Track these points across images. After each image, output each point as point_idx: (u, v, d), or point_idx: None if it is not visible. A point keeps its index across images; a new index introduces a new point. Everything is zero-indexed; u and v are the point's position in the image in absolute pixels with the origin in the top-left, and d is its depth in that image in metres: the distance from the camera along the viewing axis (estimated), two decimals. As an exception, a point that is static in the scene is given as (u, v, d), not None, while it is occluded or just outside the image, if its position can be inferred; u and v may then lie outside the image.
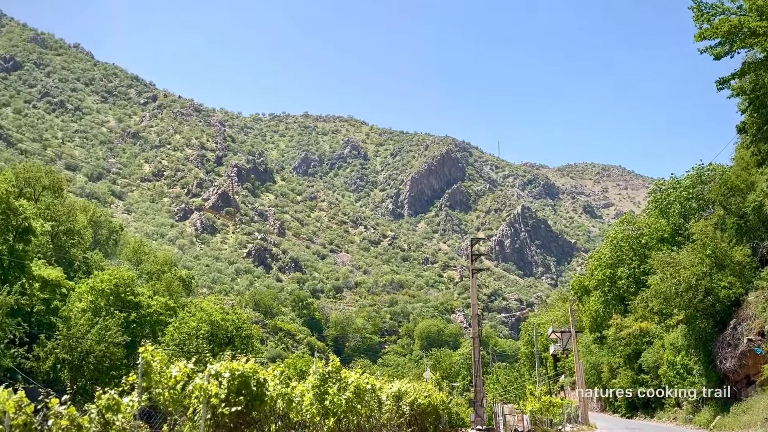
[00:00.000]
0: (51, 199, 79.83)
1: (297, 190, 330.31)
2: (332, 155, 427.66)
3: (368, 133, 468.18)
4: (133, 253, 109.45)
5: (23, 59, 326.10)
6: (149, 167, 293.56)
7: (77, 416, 10.00)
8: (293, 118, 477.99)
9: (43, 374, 48.97)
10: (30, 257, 59.07)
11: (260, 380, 14.82)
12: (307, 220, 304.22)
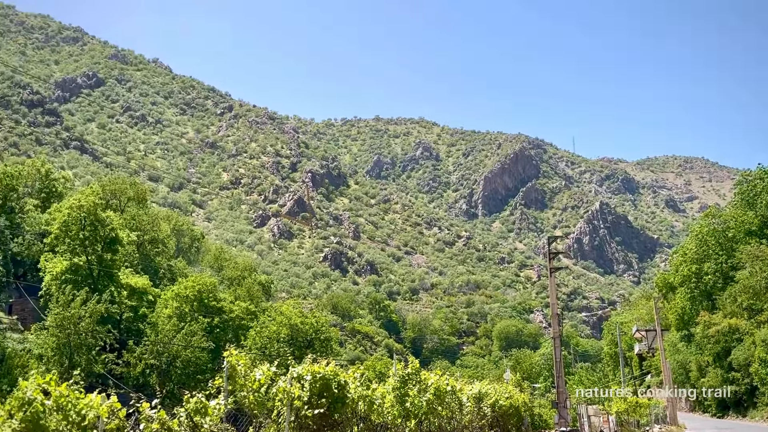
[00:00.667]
0: (136, 209, 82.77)
1: (370, 194, 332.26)
2: (404, 157, 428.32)
3: (440, 133, 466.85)
4: (214, 259, 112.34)
5: (105, 76, 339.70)
6: (227, 176, 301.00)
7: (167, 420, 10.29)
8: (365, 122, 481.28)
9: (133, 379, 50.77)
10: (118, 266, 61.40)
11: (341, 382, 14.92)
12: (381, 223, 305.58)
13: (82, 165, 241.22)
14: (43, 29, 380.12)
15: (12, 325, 61.84)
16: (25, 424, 8.01)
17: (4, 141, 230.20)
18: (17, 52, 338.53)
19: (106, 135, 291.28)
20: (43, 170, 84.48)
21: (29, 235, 69.79)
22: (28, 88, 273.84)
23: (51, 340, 47.82)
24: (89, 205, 58.98)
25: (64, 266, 57.88)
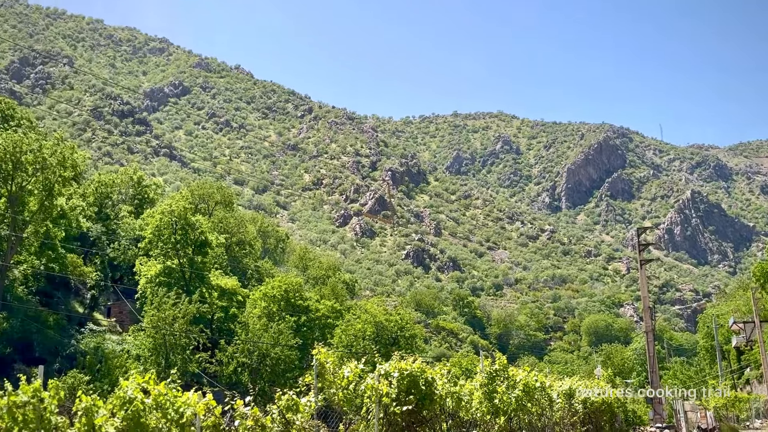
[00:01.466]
0: (223, 212, 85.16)
1: (451, 190, 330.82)
2: (484, 152, 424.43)
3: (519, 126, 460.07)
4: (299, 259, 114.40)
5: (191, 84, 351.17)
6: (309, 177, 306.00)
7: (261, 417, 10.53)
8: (443, 118, 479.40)
9: (226, 378, 52.26)
10: (208, 268, 63.33)
11: (428, 379, 14.89)
12: (462, 219, 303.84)
13: (171, 171, 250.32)
14: (131, 41, 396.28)
15: (111, 327, 64.76)
16: (126, 422, 8.34)
17: (98, 151, 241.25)
18: (107, 64, 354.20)
19: (192, 141, 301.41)
20: (135, 178, 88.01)
21: (124, 241, 72.88)
22: (118, 99, 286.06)
23: (148, 341, 49.76)
24: (179, 209, 61.05)
25: (157, 269, 60.14)
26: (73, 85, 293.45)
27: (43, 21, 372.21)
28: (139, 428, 8.41)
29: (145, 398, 8.66)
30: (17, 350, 47.99)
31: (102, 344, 51.63)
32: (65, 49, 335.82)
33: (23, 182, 53.95)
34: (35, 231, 56.10)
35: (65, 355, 50.19)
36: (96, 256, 72.12)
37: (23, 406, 7.54)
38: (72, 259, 62.38)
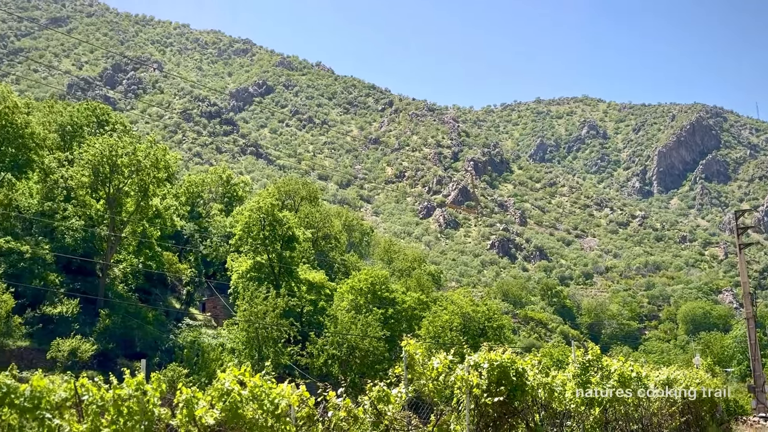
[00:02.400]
0: (309, 208, 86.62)
1: (535, 178, 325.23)
2: (569, 138, 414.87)
3: (606, 110, 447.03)
4: (384, 252, 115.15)
5: (274, 83, 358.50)
6: (391, 170, 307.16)
7: (353, 408, 10.67)
8: (525, 105, 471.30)
9: (317, 369, 53.23)
10: (296, 263, 64.62)
11: (519, 370, 14.71)
12: (548, 207, 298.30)
13: (258, 169, 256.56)
14: (216, 44, 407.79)
15: (206, 321, 67.04)
16: (225, 414, 8.61)
17: (188, 151, 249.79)
18: (194, 67, 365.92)
19: (277, 139, 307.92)
20: (224, 177, 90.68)
21: (216, 238, 75.23)
22: (206, 100, 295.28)
23: (241, 335, 51.24)
24: (267, 206, 62.54)
25: (248, 265, 61.83)
26: (163, 89, 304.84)
27: (133, 28, 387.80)
28: (236, 419, 8.66)
29: (242, 390, 8.91)
30: (119, 345, 50.28)
31: (198, 338, 53.49)
32: (154, 55, 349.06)
33: (120, 184, 56.45)
34: (133, 231, 58.65)
35: (164, 350, 52.25)
36: (190, 253, 74.78)
37: (128, 398, 7.89)
38: (168, 256, 64.86)
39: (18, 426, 7.25)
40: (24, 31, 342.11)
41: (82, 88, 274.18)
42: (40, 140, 60.49)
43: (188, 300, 69.26)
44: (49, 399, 7.21)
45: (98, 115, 79.02)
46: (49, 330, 48.35)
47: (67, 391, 7.46)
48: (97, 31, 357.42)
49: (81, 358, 45.50)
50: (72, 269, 58.51)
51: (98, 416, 7.69)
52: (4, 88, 62.10)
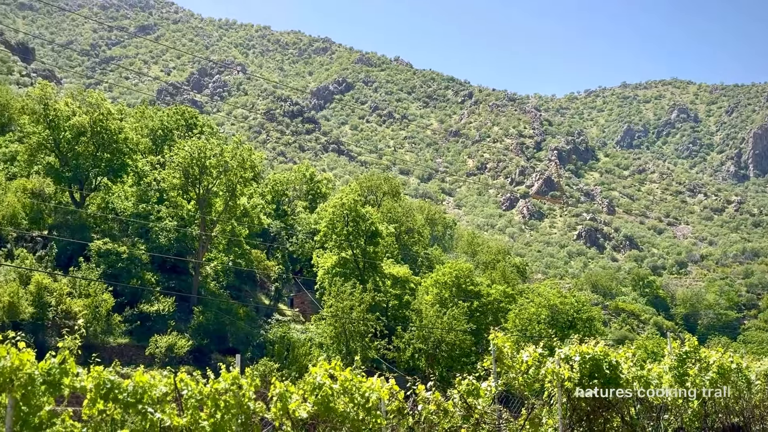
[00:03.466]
0: (391, 203, 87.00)
1: (622, 165, 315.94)
2: (657, 123, 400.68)
3: (696, 92, 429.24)
4: (467, 245, 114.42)
5: (353, 79, 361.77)
6: (473, 162, 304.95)
7: (442, 401, 10.65)
8: (610, 90, 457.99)
9: (404, 363, 53.48)
10: (380, 258, 65.05)
11: (612, 363, 14.34)
12: (637, 195, 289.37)
13: (340, 166, 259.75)
14: (296, 44, 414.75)
15: (295, 317, 68.40)
16: (317, 407, 8.75)
17: (272, 151, 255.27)
18: (276, 68, 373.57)
19: (358, 135, 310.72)
20: (307, 174, 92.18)
21: (301, 235, 76.58)
22: (288, 100, 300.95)
23: (329, 330, 52.02)
24: (350, 202, 63.21)
25: (333, 261, 62.66)
26: (246, 90, 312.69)
27: (217, 32, 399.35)
28: (328, 412, 8.79)
29: (333, 384, 9.03)
30: (213, 341, 51.92)
31: (288, 333, 54.61)
32: (238, 57, 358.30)
33: (209, 185, 58.26)
34: (222, 230, 60.43)
35: (255, 345, 53.60)
36: (277, 250, 76.43)
37: (225, 393, 8.13)
38: (256, 254, 66.49)
39: (120, 420, 7.57)
40: (114, 40, 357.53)
41: (171, 93, 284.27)
42: (133, 145, 63.08)
43: (277, 296, 70.80)
44: (150, 394, 7.51)
45: (186, 119, 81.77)
46: (147, 327, 50.40)
47: (167, 386, 7.74)
48: (183, 37, 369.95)
49: (177, 353, 47.24)
50: (167, 268, 60.85)
51: (197, 410, 7.96)
52: (98, 96, 64.95)
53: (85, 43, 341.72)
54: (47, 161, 60.18)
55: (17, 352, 7.05)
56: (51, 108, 59.56)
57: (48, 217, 59.31)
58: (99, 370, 7.45)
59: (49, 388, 7.01)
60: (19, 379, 6.89)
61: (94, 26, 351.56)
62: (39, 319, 44.68)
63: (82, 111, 60.50)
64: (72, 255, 54.08)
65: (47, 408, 6.99)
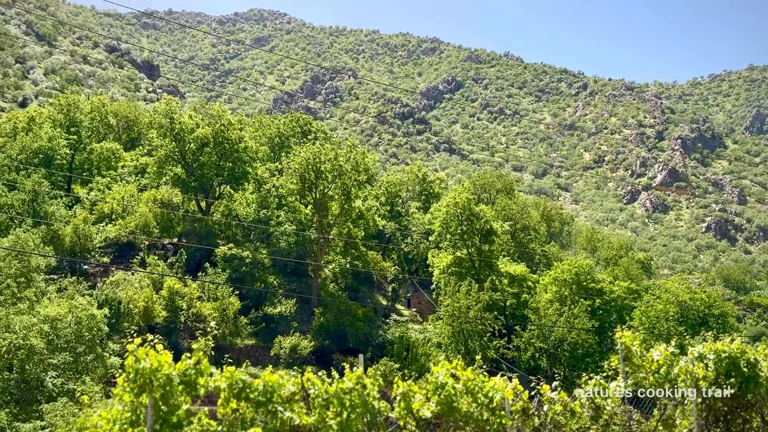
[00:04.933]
0: (505, 200, 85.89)
1: (753, 152, 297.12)
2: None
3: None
4: (586, 241, 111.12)
5: (463, 78, 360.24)
6: (589, 155, 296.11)
7: (569, 401, 10.36)
8: (736, 74, 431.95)
9: (525, 363, 52.62)
10: (495, 256, 64.33)
11: (750, 360, 13.50)
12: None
13: (451, 165, 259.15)
14: (405, 46, 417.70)
15: (412, 317, 68.79)
16: (440, 407, 8.73)
17: (385, 153, 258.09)
18: (386, 71, 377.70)
19: (469, 134, 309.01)
20: (420, 175, 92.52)
21: (416, 235, 76.96)
22: (398, 102, 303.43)
23: (446, 329, 51.96)
24: (463, 201, 62.92)
25: (448, 260, 62.55)
26: (358, 94, 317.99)
27: (327, 40, 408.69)
28: (452, 412, 8.75)
29: (455, 383, 8.99)
30: (334, 341, 53.04)
31: (406, 333, 55.02)
32: (348, 63, 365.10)
33: (325, 189, 59.65)
34: (339, 232, 61.73)
35: (375, 345, 54.31)
36: (392, 251, 77.16)
37: (349, 392, 8.26)
38: (372, 255, 67.40)
39: (252, 418, 7.84)
40: (232, 53, 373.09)
41: (286, 102, 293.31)
42: (252, 153, 65.55)
43: (394, 296, 71.46)
44: (279, 393, 7.74)
45: (301, 126, 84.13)
46: (271, 329, 52.20)
47: (294, 385, 7.97)
48: (296, 46, 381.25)
49: (301, 354, 48.65)
50: (287, 271, 62.83)
51: (324, 409, 8.13)
52: (219, 108, 67.99)
53: (205, 58, 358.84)
54: (174, 172, 63.56)
55: (156, 354, 7.45)
56: (176, 121, 62.88)
57: (177, 225, 62.66)
58: (231, 370, 7.77)
59: (186, 388, 7.38)
60: (158, 380, 7.29)
61: (213, 41, 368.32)
62: (172, 322, 47.25)
63: (205, 123, 63.53)
64: (200, 261, 56.83)
65: (184, 407, 7.35)
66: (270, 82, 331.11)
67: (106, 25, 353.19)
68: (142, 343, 7.68)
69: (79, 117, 74.46)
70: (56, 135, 67.82)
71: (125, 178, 73.46)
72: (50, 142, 66.18)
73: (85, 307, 35.56)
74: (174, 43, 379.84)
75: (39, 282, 42.87)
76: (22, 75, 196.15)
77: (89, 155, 73.76)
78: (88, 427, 7.29)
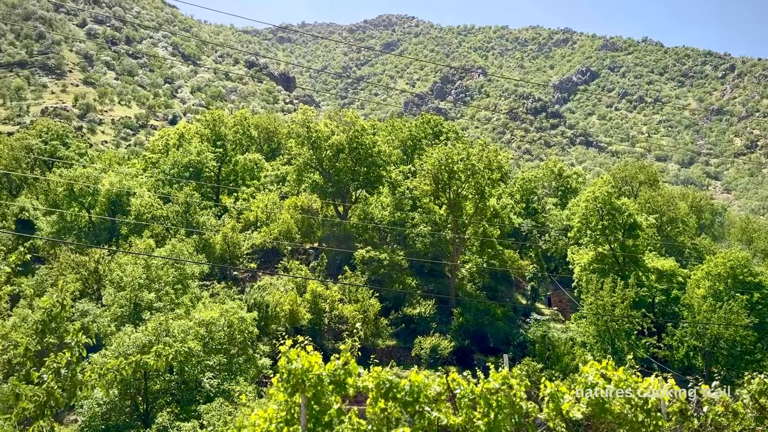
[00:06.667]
0: (649, 192, 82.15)
1: None
2: None
3: None
4: (741, 232, 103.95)
5: (598, 67, 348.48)
6: (740, 141, 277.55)
7: (730, 402, 9.72)
8: None
9: (678, 362, 49.97)
10: (641, 251, 61.59)
11: None
12: None
13: (589, 158, 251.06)
14: (535, 39, 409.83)
15: (553, 316, 67.20)
16: (591, 408, 8.45)
17: (518, 150, 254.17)
18: (516, 66, 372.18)
19: (607, 125, 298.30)
20: (556, 170, 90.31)
21: (553, 232, 75.16)
22: (530, 97, 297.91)
23: (591, 328, 50.30)
24: (603, 195, 60.76)
25: (590, 257, 60.59)
26: (488, 92, 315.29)
27: (456, 39, 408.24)
28: (603, 413, 8.45)
29: (606, 384, 8.68)
30: (473, 341, 52.78)
31: (547, 333, 53.80)
32: (478, 61, 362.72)
33: (458, 189, 59.52)
34: (474, 232, 61.41)
35: (516, 345, 53.52)
36: (530, 249, 75.73)
37: (496, 392, 8.18)
38: (509, 254, 66.49)
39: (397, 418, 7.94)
40: (363, 60, 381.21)
41: (416, 104, 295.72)
42: (386, 157, 66.56)
43: (533, 295, 70.16)
44: (426, 393, 7.80)
45: (432, 127, 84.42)
46: (411, 329, 52.75)
47: (440, 385, 7.99)
48: (424, 48, 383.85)
49: (441, 354, 48.80)
50: (424, 272, 63.27)
51: (471, 409, 8.10)
52: (352, 114, 69.59)
53: (337, 66, 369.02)
54: (313, 179, 65.78)
55: (306, 355, 7.73)
56: (312, 130, 65.05)
57: (317, 230, 64.76)
58: (378, 370, 7.91)
59: (335, 388, 7.60)
60: (310, 380, 7.55)
61: (345, 49, 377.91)
62: (316, 324, 48.84)
63: (339, 130, 65.30)
64: (340, 264, 58.41)
65: (335, 406, 7.57)
66: (400, 85, 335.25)
67: (244, 41, 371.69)
68: (293, 345, 7.98)
69: (223, 131, 78.83)
70: (204, 149, 72.19)
71: (267, 186, 76.92)
72: (199, 156, 70.50)
73: (236, 311, 37.45)
74: (308, 54, 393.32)
75: (194, 288, 45.70)
76: (171, 94, 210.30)
77: (234, 167, 78.00)
78: (247, 425, 7.65)
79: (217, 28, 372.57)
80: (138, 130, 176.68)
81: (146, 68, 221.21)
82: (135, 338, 31.14)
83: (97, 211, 64.68)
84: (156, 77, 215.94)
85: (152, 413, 31.50)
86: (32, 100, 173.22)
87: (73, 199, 63.18)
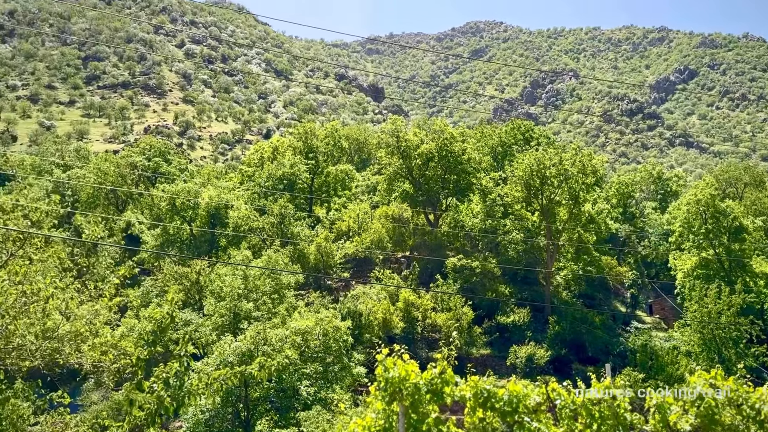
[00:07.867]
0: (755, 194, 78.28)
1: None
2: None
3: None
4: None
5: (697, 65, 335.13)
6: None
7: None
8: None
9: (791, 372, 47.20)
10: (748, 255, 58.68)
11: None
12: None
13: (689, 160, 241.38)
14: (629, 39, 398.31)
15: (655, 324, 64.80)
16: (700, 419, 8.09)
17: (613, 153, 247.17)
18: (610, 68, 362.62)
19: (708, 125, 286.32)
20: (654, 173, 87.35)
21: (653, 237, 72.58)
22: (625, 98, 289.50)
23: (695, 336, 48.20)
24: (706, 197, 58.40)
25: (693, 262, 58.22)
26: (580, 95, 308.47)
27: (546, 43, 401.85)
28: (713, 425, 8.07)
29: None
30: (571, 350, 51.49)
31: (649, 341, 51.90)
32: (569, 64, 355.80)
33: (551, 195, 58.39)
34: (569, 238, 60.02)
35: (616, 354, 51.90)
36: (628, 255, 73.41)
37: (598, 402, 7.95)
38: (606, 260, 64.66)
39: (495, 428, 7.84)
40: (450, 68, 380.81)
41: (506, 110, 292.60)
42: (476, 164, 66.10)
43: (633, 303, 67.91)
44: (525, 403, 7.66)
45: (523, 132, 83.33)
46: (505, 338, 52.01)
47: (539, 395, 7.84)
48: (513, 53, 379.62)
49: (537, 363, 47.86)
50: (517, 280, 62.31)
51: (572, 420, 7.90)
52: (441, 122, 69.57)
53: (425, 75, 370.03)
54: (403, 188, 66.09)
55: (403, 364, 7.76)
56: (402, 139, 65.38)
57: (408, 239, 64.98)
58: (475, 379, 7.84)
59: (432, 397, 7.59)
60: (407, 389, 7.57)
61: (432, 58, 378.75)
62: (409, 332, 48.91)
63: (429, 138, 65.37)
64: (431, 272, 58.35)
65: (433, 416, 7.55)
66: (489, 91, 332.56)
67: (334, 55, 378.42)
68: (389, 354, 8.02)
69: (315, 143, 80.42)
70: (297, 161, 73.85)
71: (359, 196, 77.88)
72: (292, 169, 72.18)
73: (331, 320, 37.98)
74: (396, 65, 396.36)
75: (290, 298, 46.71)
76: (264, 109, 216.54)
77: (326, 178, 79.43)
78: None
79: (308, 42, 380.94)
80: (234, 145, 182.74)
81: (241, 85, 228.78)
82: (235, 347, 32.06)
83: (198, 224, 67.19)
84: (250, 93, 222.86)
85: (252, 420, 32.33)
86: (135, 119, 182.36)
87: (175, 213, 65.92)
